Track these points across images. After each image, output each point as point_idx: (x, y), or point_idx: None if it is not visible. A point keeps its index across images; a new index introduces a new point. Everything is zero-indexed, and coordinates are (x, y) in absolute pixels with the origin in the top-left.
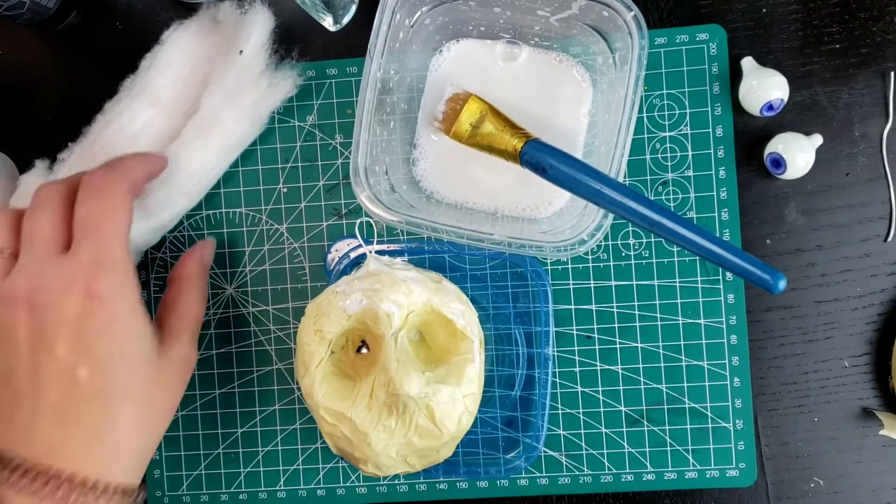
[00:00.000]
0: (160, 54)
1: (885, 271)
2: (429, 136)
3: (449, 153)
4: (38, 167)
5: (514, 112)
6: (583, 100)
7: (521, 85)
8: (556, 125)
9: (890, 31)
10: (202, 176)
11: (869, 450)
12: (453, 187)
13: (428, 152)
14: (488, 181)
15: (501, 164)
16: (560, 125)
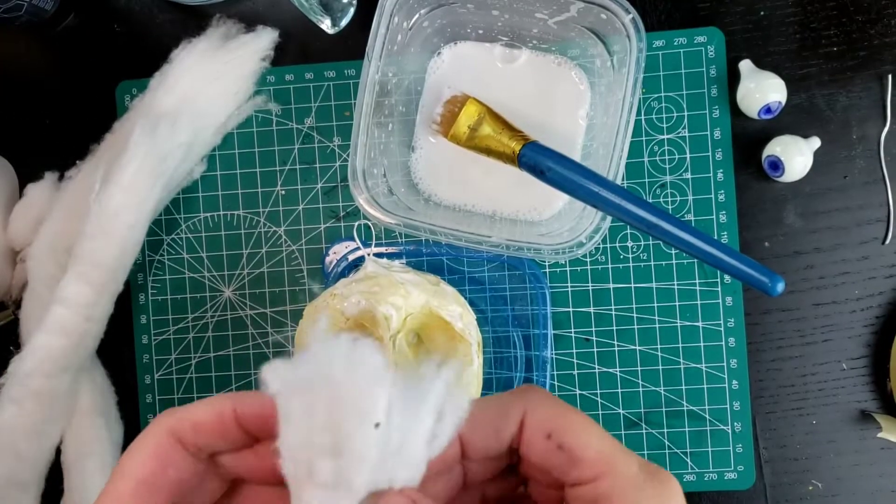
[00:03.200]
0: (168, 73)
1: (882, 274)
2: (427, 139)
3: (447, 155)
4: (47, 179)
5: (512, 114)
6: (581, 102)
7: (520, 87)
8: (554, 128)
9: (887, 34)
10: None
11: (867, 452)
12: (451, 190)
13: (426, 155)
14: (486, 184)
15: (499, 166)
16: (558, 128)
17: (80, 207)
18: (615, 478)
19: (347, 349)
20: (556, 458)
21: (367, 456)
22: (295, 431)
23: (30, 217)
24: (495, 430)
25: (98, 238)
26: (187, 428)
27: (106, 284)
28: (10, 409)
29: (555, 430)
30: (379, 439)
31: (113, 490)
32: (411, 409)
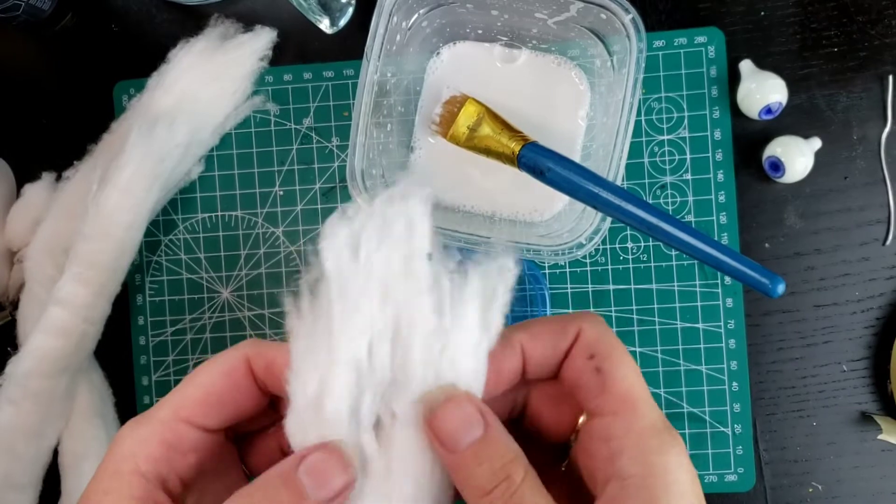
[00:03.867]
0: (166, 73)
1: (883, 275)
2: (426, 139)
3: (446, 156)
4: (44, 179)
5: (511, 115)
6: (581, 103)
7: (519, 88)
8: (553, 128)
9: (888, 35)
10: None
11: (867, 454)
12: (450, 190)
13: (425, 155)
14: (486, 184)
15: (499, 167)
16: (558, 128)
17: (77, 208)
18: (634, 418)
19: (389, 192)
20: (590, 379)
21: (424, 316)
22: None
23: (27, 217)
24: (553, 344)
25: (95, 239)
26: (262, 364)
27: (103, 285)
28: (8, 410)
29: (598, 353)
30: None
31: (177, 397)
32: (456, 306)
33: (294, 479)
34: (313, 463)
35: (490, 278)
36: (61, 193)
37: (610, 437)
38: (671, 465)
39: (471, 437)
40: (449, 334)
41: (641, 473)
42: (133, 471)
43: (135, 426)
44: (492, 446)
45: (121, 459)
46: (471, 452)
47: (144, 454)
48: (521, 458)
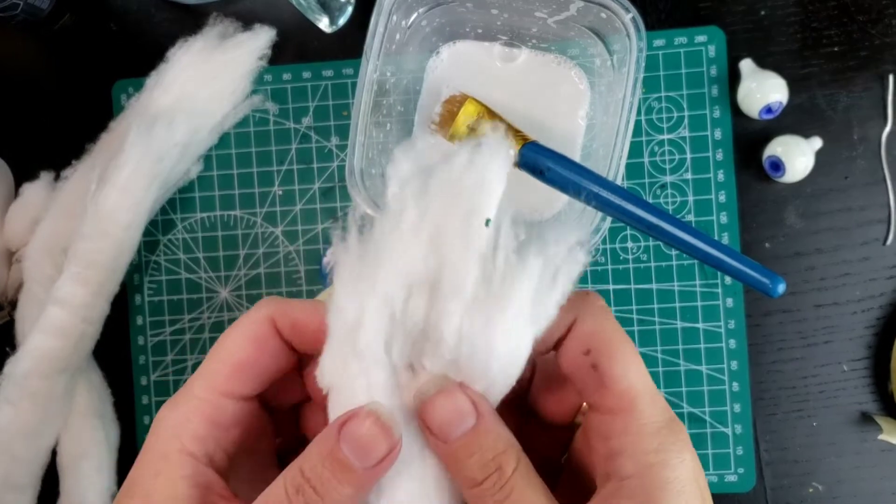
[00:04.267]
0: (165, 73)
1: (884, 275)
2: (425, 139)
3: None
4: (42, 179)
5: (511, 114)
6: (581, 102)
7: (519, 87)
8: (553, 127)
9: (888, 34)
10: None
11: (868, 455)
12: None
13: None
14: None
15: None
16: (558, 127)
17: (76, 207)
18: (632, 417)
19: (476, 142)
20: (587, 376)
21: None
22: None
23: (26, 217)
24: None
25: (94, 238)
26: (287, 324)
27: (102, 285)
28: (6, 410)
29: (595, 349)
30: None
31: (209, 371)
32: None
33: (338, 452)
34: (353, 433)
35: (551, 267)
36: (60, 193)
37: (608, 436)
38: (671, 464)
39: (462, 428)
40: (492, 313)
41: (639, 474)
42: (180, 450)
43: (174, 406)
44: (483, 437)
45: (166, 440)
46: (462, 443)
47: (189, 433)
48: (513, 449)
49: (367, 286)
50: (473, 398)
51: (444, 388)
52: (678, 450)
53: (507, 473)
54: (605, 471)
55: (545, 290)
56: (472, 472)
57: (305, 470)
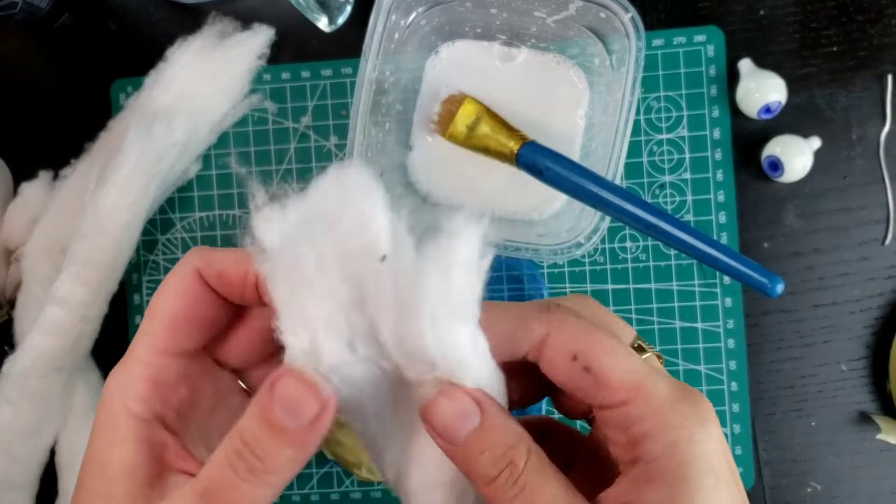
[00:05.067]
0: (164, 72)
1: (882, 275)
2: (424, 138)
3: (445, 155)
4: (41, 178)
5: (510, 114)
6: (580, 102)
7: (518, 87)
8: (552, 127)
9: (887, 34)
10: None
11: (867, 454)
12: (449, 189)
13: (424, 154)
14: (484, 183)
15: (497, 166)
16: (557, 127)
17: (74, 207)
18: (645, 401)
19: (336, 174)
20: (582, 380)
21: (383, 297)
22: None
23: (24, 216)
24: (512, 338)
25: (93, 238)
26: (212, 274)
27: (101, 284)
28: (5, 409)
29: (580, 352)
30: (390, 277)
31: (146, 331)
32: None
33: (271, 413)
34: (282, 394)
35: (453, 265)
36: (59, 192)
37: (627, 425)
38: (696, 438)
39: (468, 428)
40: (412, 318)
41: (665, 454)
42: (127, 414)
43: (118, 372)
44: (490, 434)
45: (113, 407)
46: (470, 443)
47: (133, 396)
48: (523, 442)
49: (304, 317)
50: (476, 396)
51: (444, 389)
52: (702, 423)
53: (520, 467)
54: (630, 457)
55: (455, 285)
56: (484, 470)
57: (244, 433)
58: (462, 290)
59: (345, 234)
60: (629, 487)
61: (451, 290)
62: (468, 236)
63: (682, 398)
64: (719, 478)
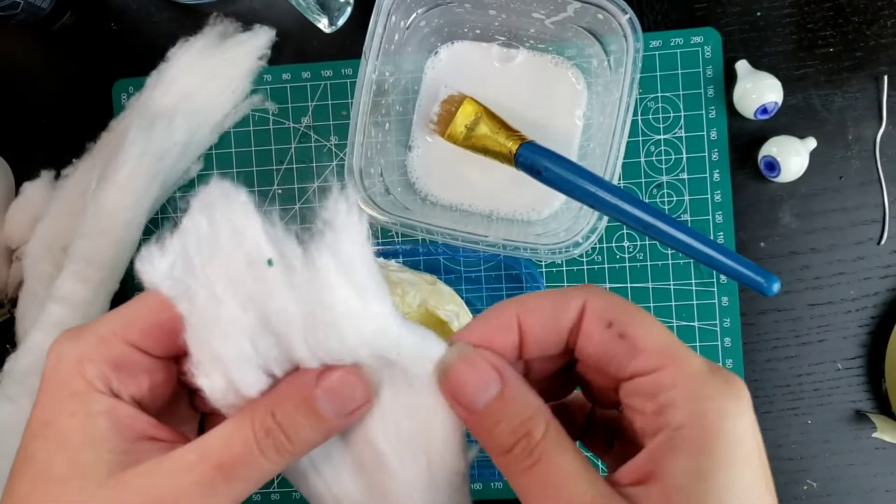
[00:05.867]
0: (165, 72)
1: (878, 274)
2: (424, 138)
3: (444, 155)
4: (43, 178)
5: (508, 114)
6: (578, 102)
7: (516, 87)
8: (550, 127)
9: (883, 35)
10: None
11: (862, 452)
12: (448, 189)
13: (423, 154)
14: (483, 183)
15: (496, 166)
16: (555, 127)
17: (76, 206)
18: (679, 368)
19: (197, 197)
20: (617, 347)
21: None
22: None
23: (26, 215)
24: (554, 318)
25: (94, 236)
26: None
27: (102, 283)
28: (6, 407)
29: (616, 319)
30: (284, 282)
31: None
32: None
33: (313, 399)
34: (333, 383)
35: (339, 247)
36: (60, 191)
37: (656, 392)
38: (727, 411)
39: (488, 396)
40: (327, 317)
41: (692, 423)
42: (88, 387)
43: (72, 342)
44: (510, 404)
45: (68, 378)
46: (489, 411)
47: (94, 373)
48: (541, 413)
49: (214, 356)
50: (497, 365)
51: (466, 356)
52: (734, 396)
53: (536, 438)
54: (655, 426)
55: (352, 266)
56: (501, 440)
57: (277, 414)
58: (364, 272)
59: (225, 251)
60: (650, 457)
61: (353, 276)
62: (351, 219)
63: (715, 373)
64: (748, 456)
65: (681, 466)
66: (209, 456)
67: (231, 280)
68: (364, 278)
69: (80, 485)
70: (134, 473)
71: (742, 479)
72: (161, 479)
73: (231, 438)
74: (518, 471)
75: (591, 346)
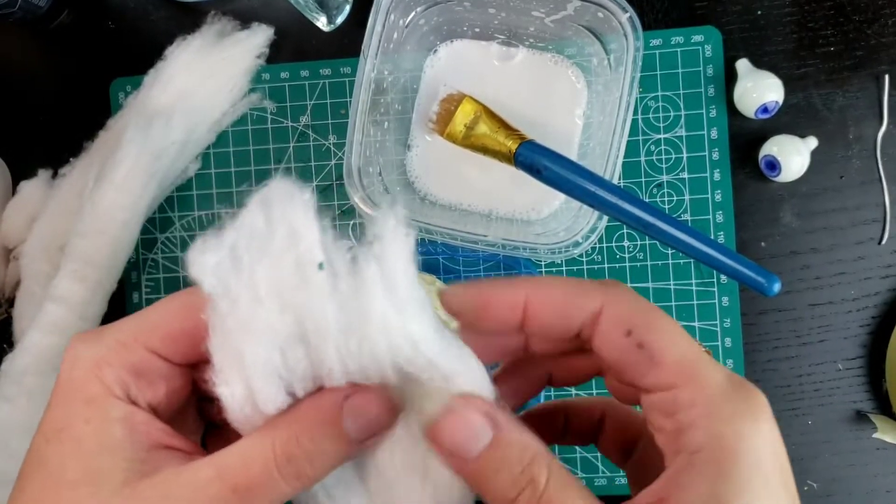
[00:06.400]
0: (163, 71)
1: (878, 274)
2: (423, 137)
3: (443, 154)
4: (40, 177)
5: (508, 113)
6: (578, 101)
7: (516, 86)
8: (550, 126)
9: (884, 34)
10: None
11: (863, 453)
12: (447, 188)
13: (422, 153)
14: (482, 183)
15: (496, 165)
16: (555, 127)
17: (73, 205)
18: (698, 387)
19: (259, 193)
20: (635, 357)
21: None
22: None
23: (23, 215)
24: (565, 313)
25: (92, 236)
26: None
27: (100, 283)
28: (3, 407)
29: (636, 328)
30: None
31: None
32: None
33: (339, 423)
34: (361, 408)
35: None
36: (57, 190)
37: (674, 411)
38: (745, 433)
39: (480, 445)
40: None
41: (710, 446)
42: (105, 393)
43: (93, 342)
44: (506, 450)
45: (85, 382)
46: (484, 461)
47: (113, 378)
48: (542, 457)
49: (240, 362)
50: (486, 411)
51: (451, 408)
52: (753, 417)
53: (542, 484)
54: (674, 447)
55: (394, 281)
56: (502, 490)
57: (302, 439)
58: (405, 289)
59: (278, 251)
60: (668, 482)
61: (395, 291)
62: (398, 234)
63: (736, 390)
64: (768, 478)
65: (698, 493)
66: (226, 475)
67: (276, 282)
68: (405, 294)
69: (93, 491)
70: (149, 484)
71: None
72: (176, 493)
73: (250, 459)
74: None
75: (608, 351)
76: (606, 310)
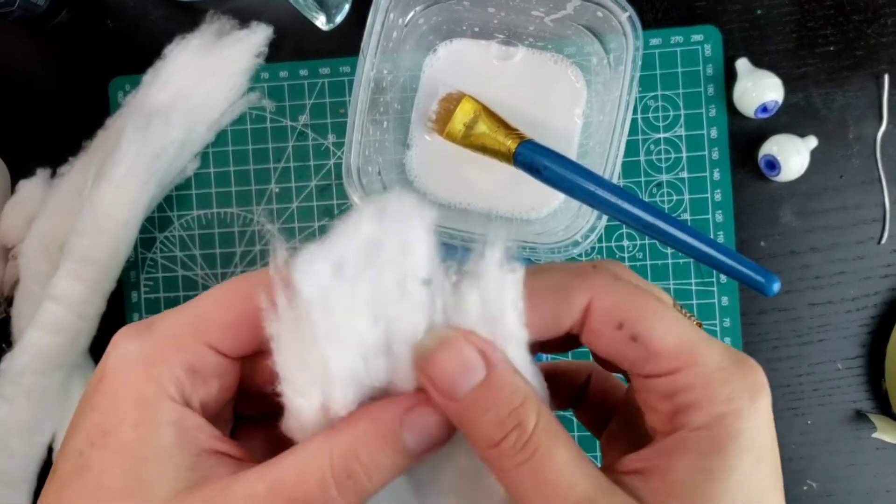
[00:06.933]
0: (162, 70)
1: (878, 273)
2: (422, 137)
3: (442, 154)
4: (39, 176)
5: (507, 112)
6: (577, 101)
7: (515, 85)
8: (550, 126)
9: (884, 34)
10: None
11: (862, 453)
12: (447, 188)
13: (421, 153)
14: (482, 182)
15: (495, 164)
16: (554, 126)
17: (72, 204)
18: (696, 371)
19: (380, 210)
20: (629, 350)
21: (417, 332)
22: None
23: (22, 214)
24: (553, 310)
25: (90, 235)
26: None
27: (98, 282)
28: (2, 406)
29: (627, 320)
30: (428, 303)
31: (200, 312)
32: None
33: (399, 438)
34: (421, 421)
35: (489, 290)
36: (56, 190)
37: (672, 393)
38: (744, 413)
39: (471, 382)
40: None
41: (709, 425)
42: (158, 394)
43: (141, 340)
44: (497, 391)
45: (137, 383)
46: (472, 399)
47: (169, 377)
48: (532, 401)
49: (321, 370)
50: (482, 347)
51: (447, 339)
52: (751, 396)
53: (529, 429)
54: (670, 426)
55: (495, 310)
56: (487, 432)
57: (363, 455)
58: (509, 309)
59: (386, 263)
60: (659, 452)
61: (500, 313)
62: (507, 272)
63: (734, 368)
64: (760, 458)
65: (689, 464)
66: (280, 490)
67: (376, 293)
68: (511, 330)
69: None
70: (199, 497)
71: (750, 482)
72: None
73: (306, 473)
74: (509, 467)
75: (601, 345)
76: (595, 304)
